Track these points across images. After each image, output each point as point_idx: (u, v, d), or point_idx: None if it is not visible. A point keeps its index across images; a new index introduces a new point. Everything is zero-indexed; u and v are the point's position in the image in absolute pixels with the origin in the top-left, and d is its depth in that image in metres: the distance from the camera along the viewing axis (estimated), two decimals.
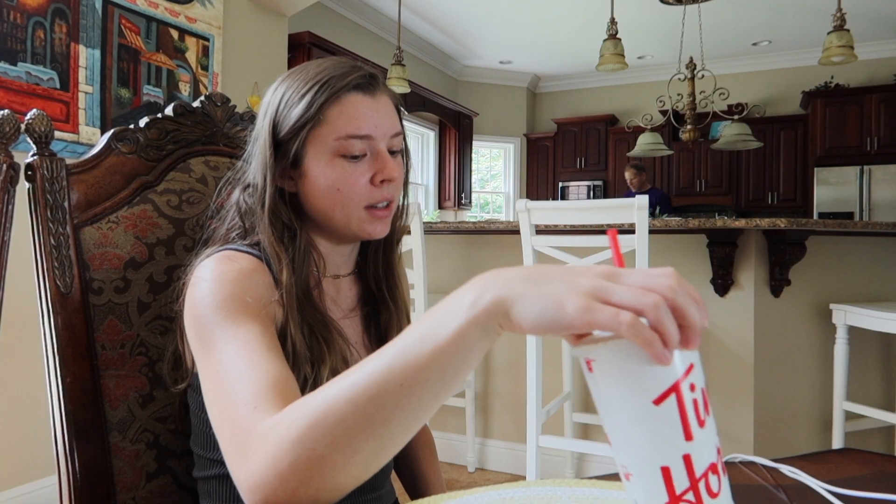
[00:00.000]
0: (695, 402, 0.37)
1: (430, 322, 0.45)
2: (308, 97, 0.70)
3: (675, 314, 0.37)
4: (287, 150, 0.71)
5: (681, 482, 0.37)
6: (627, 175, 5.27)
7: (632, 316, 0.36)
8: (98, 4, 2.33)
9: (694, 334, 0.37)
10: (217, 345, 0.59)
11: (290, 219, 0.73)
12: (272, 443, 0.47)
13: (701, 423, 0.37)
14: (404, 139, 0.77)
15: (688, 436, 0.36)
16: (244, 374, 0.55)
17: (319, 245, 0.76)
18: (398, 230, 0.82)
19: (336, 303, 0.79)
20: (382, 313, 0.82)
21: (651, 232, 1.82)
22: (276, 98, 0.73)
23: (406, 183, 0.79)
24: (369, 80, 0.72)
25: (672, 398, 0.36)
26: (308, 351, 0.69)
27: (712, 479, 0.37)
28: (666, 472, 0.37)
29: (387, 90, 0.75)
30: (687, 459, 0.37)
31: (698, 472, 0.37)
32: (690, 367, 0.37)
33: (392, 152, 0.74)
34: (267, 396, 0.53)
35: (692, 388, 0.37)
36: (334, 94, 0.70)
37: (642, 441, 0.37)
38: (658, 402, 0.36)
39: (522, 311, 0.40)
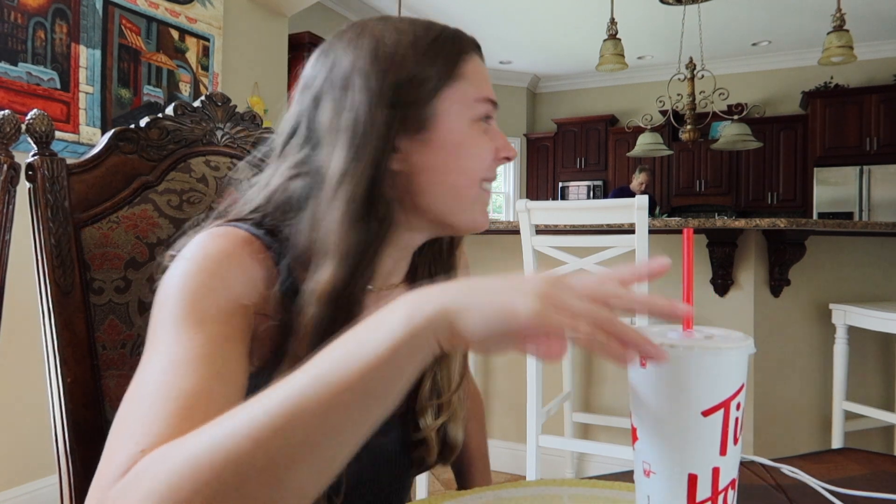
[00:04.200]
0: (737, 420, 0.38)
1: (353, 341, 0.39)
2: (435, 49, 0.58)
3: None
4: (410, 114, 0.57)
5: (704, 491, 0.38)
6: (642, 178, 5.23)
7: (590, 325, 0.36)
8: (98, 5, 2.33)
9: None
10: (159, 345, 0.49)
11: (387, 212, 0.58)
12: (135, 499, 0.36)
13: (735, 441, 0.38)
14: None
15: (723, 451, 0.38)
16: (163, 395, 0.44)
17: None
18: None
19: None
20: None
21: (651, 232, 1.82)
22: (376, 55, 0.57)
23: None
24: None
25: (720, 413, 0.37)
26: None
27: (731, 493, 0.39)
28: (693, 479, 0.38)
29: None
30: (715, 472, 0.38)
31: (721, 485, 0.38)
32: (741, 387, 0.38)
33: None
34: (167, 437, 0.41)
35: (738, 406, 0.38)
36: (465, 48, 0.60)
37: (679, 447, 0.38)
38: (706, 414, 0.37)
39: (469, 321, 0.37)
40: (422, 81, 0.57)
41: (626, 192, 5.24)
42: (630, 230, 1.78)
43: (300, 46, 3.97)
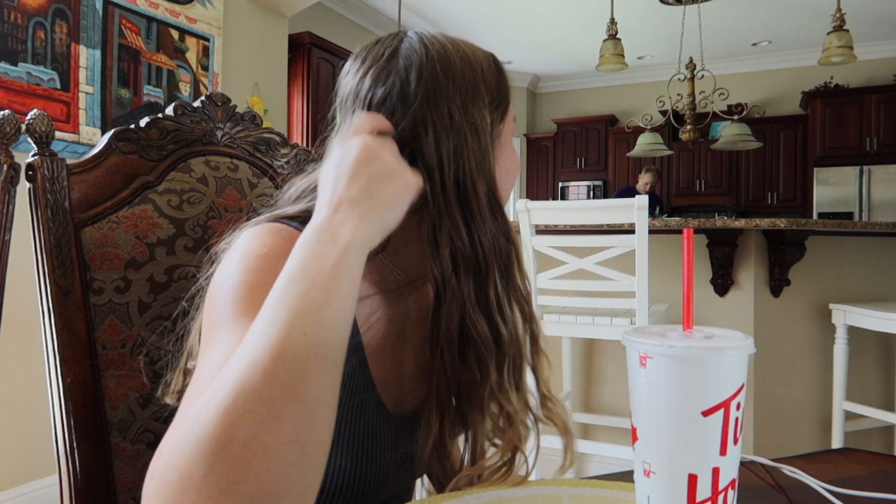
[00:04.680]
0: (737, 420, 0.38)
1: (298, 274, 0.44)
2: (499, 71, 0.66)
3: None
4: (499, 130, 0.66)
5: (704, 491, 0.38)
6: (647, 178, 5.22)
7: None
8: (98, 5, 2.33)
9: None
10: (216, 343, 0.52)
11: None
12: (177, 451, 0.38)
13: (735, 441, 0.38)
14: None
15: (723, 451, 0.38)
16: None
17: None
18: None
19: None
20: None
21: (651, 232, 1.82)
22: (476, 72, 0.63)
23: None
24: None
25: (720, 413, 0.37)
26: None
27: (731, 493, 0.39)
28: (693, 479, 0.38)
29: None
30: (715, 472, 0.38)
31: (721, 485, 0.38)
32: (741, 387, 0.38)
33: None
34: None
35: (738, 406, 0.38)
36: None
37: (679, 447, 0.38)
38: (706, 414, 0.37)
39: (386, 206, 0.49)
40: (499, 104, 0.65)
41: (632, 193, 5.23)
42: (630, 230, 1.78)
43: (300, 46, 3.97)
